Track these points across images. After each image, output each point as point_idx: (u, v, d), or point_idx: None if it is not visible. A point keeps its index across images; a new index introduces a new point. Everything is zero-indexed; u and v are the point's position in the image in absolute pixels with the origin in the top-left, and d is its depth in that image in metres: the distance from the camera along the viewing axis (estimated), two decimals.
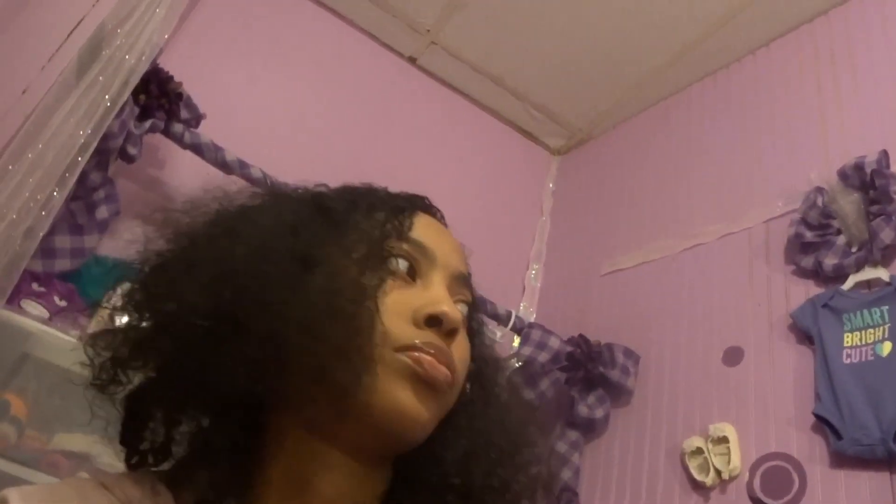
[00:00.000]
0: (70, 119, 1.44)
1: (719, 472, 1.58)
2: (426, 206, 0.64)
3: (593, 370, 1.91)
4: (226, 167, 1.78)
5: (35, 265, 1.54)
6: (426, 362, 0.52)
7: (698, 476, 1.62)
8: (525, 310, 2.42)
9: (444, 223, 0.64)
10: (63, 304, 1.60)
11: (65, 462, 1.40)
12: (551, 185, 2.74)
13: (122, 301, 0.55)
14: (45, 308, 1.57)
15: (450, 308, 0.54)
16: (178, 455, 0.56)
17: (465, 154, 2.56)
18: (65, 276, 1.63)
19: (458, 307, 0.57)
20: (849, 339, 1.49)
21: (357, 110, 2.35)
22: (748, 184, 1.97)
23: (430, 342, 0.53)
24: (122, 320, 0.55)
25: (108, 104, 1.51)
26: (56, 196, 1.41)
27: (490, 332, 0.68)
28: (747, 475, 1.55)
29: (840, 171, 1.65)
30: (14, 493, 0.47)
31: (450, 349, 0.54)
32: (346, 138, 2.25)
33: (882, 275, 1.52)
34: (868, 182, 1.58)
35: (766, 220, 1.85)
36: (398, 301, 0.54)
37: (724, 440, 1.61)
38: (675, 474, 1.70)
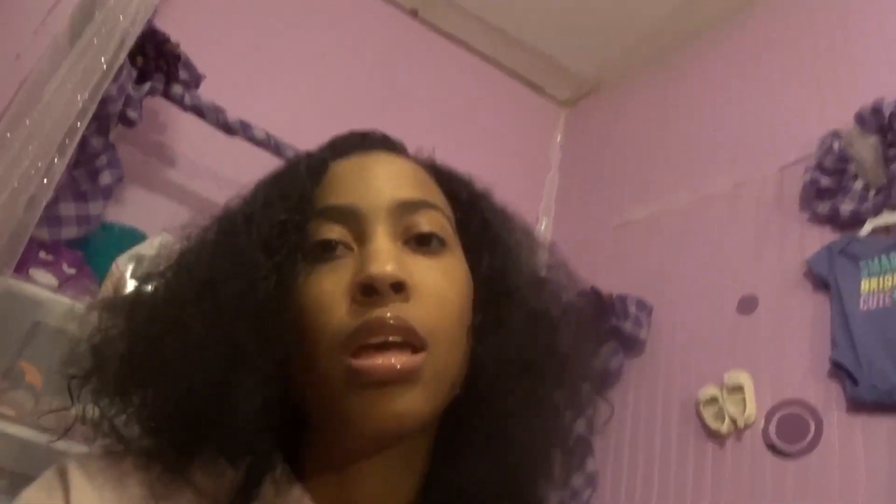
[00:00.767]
0: (66, 84, 1.41)
1: (734, 421, 1.58)
2: (345, 148, 0.55)
3: (605, 322, 1.90)
4: (228, 129, 1.75)
5: (41, 233, 1.54)
6: (371, 369, 0.44)
7: (713, 425, 1.62)
8: None
9: (382, 148, 0.56)
10: (72, 271, 1.59)
11: (81, 427, 1.41)
12: (559, 138, 2.69)
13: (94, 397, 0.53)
14: (54, 276, 1.56)
15: (377, 265, 0.45)
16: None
17: (469, 109, 2.51)
18: (72, 245, 1.62)
19: (424, 229, 0.49)
20: (866, 286, 1.47)
21: (357, 65, 2.30)
22: (761, 131, 1.92)
23: (367, 321, 0.45)
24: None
25: (104, 68, 1.47)
26: (57, 163, 1.39)
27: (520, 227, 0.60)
28: (763, 422, 1.55)
29: (857, 115, 1.60)
30: (73, 462, 0.50)
31: (409, 305, 0.46)
32: (347, 95, 2.21)
33: None
34: (886, 125, 1.53)
35: (781, 168, 1.81)
36: (330, 285, 0.47)
37: (739, 388, 1.60)
38: (689, 424, 1.70)
